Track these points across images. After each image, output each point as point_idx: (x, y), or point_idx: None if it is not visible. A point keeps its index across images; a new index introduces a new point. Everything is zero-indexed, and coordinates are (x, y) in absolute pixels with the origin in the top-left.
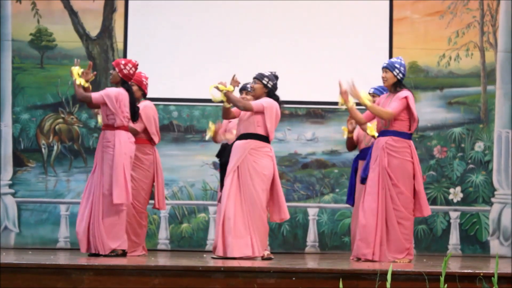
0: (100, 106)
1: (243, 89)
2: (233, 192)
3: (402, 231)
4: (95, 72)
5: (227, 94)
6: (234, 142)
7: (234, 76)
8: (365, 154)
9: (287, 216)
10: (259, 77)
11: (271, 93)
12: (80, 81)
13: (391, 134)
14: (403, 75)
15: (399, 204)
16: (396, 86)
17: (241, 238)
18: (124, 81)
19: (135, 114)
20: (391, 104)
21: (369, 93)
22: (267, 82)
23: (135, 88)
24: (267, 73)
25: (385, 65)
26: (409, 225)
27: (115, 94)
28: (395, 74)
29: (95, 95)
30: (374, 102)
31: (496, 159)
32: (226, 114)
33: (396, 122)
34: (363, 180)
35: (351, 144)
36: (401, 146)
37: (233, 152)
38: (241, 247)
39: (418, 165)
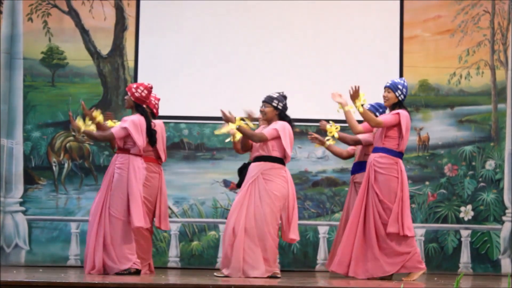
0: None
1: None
2: (236, 211)
3: (396, 244)
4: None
5: (240, 130)
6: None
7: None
8: (355, 168)
9: (294, 238)
10: (268, 101)
11: (282, 114)
12: (91, 127)
13: (380, 151)
14: (405, 96)
15: (386, 218)
16: (396, 106)
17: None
18: (138, 105)
19: (151, 137)
20: (384, 115)
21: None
22: (277, 104)
23: None
24: (275, 95)
25: (388, 84)
26: (401, 238)
27: (139, 123)
28: (397, 95)
29: (116, 131)
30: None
31: (507, 177)
32: (239, 145)
33: (386, 140)
34: None
35: (336, 153)
36: (387, 163)
37: (248, 173)
38: (231, 267)
39: (404, 183)
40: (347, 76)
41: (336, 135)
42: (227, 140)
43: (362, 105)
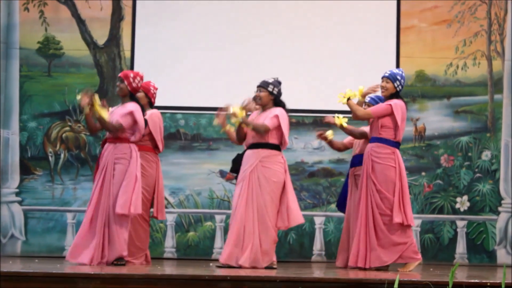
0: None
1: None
2: (243, 201)
3: (393, 234)
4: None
5: (245, 122)
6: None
7: (245, 102)
8: (356, 160)
9: (290, 223)
10: (264, 85)
11: (277, 99)
12: (104, 114)
13: (377, 141)
14: (402, 87)
15: (384, 209)
16: (393, 97)
17: (241, 247)
18: (132, 94)
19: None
20: (375, 106)
21: (365, 102)
22: (273, 89)
23: (141, 94)
24: (271, 80)
25: (387, 75)
26: (400, 228)
27: (140, 111)
28: (396, 85)
29: (124, 122)
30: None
31: (503, 168)
32: (240, 134)
33: (382, 130)
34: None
35: (335, 147)
36: (384, 153)
37: (245, 161)
38: (243, 256)
39: (402, 173)
40: (344, 66)
41: (345, 125)
42: (222, 131)
43: (348, 99)
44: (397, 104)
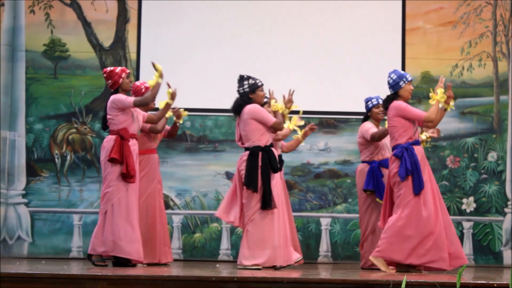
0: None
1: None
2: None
3: None
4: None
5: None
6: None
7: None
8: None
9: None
10: None
11: None
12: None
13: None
14: None
15: None
16: None
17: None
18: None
19: None
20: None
21: (378, 104)
22: None
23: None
24: None
25: (412, 78)
26: None
27: None
28: None
29: None
30: (379, 113)
31: (509, 169)
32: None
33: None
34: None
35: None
36: None
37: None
38: (290, 255)
39: None
40: (350, 68)
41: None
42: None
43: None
44: None
